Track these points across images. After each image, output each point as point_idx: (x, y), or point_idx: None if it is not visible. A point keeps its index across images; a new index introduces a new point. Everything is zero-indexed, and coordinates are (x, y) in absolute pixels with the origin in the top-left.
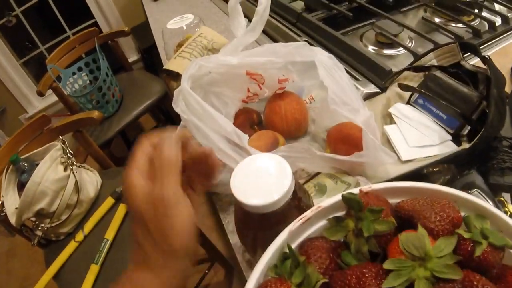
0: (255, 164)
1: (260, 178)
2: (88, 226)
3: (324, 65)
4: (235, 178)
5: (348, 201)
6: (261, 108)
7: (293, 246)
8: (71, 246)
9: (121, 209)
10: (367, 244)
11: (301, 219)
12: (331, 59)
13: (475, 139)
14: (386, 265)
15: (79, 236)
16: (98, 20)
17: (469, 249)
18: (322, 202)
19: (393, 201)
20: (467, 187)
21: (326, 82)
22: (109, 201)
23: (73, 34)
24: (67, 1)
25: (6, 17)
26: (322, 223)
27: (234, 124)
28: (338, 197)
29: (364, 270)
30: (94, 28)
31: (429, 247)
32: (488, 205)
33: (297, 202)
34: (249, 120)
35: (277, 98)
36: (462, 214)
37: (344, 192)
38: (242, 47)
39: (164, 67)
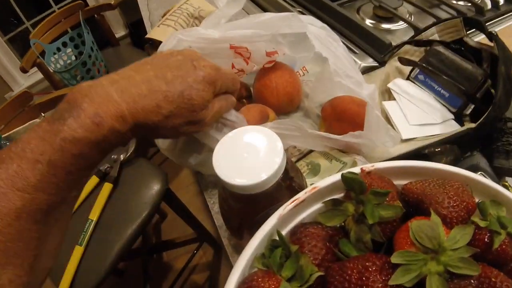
0: (241, 139)
1: (246, 154)
2: None
3: (317, 37)
4: (218, 154)
5: (349, 182)
6: (251, 81)
7: (284, 232)
8: None
9: (106, 188)
10: (369, 232)
11: (293, 201)
12: (324, 30)
13: (482, 118)
14: (395, 259)
15: None
16: None
17: (486, 240)
18: (318, 183)
19: (398, 182)
20: (471, 170)
21: (324, 54)
22: (94, 180)
23: (59, 9)
24: None
25: None
26: (317, 206)
27: None
28: (336, 177)
29: (367, 264)
30: (80, 1)
31: (444, 238)
32: (504, 189)
33: (288, 182)
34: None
35: (267, 70)
36: (476, 199)
37: (344, 171)
38: (225, 19)
39: (146, 36)
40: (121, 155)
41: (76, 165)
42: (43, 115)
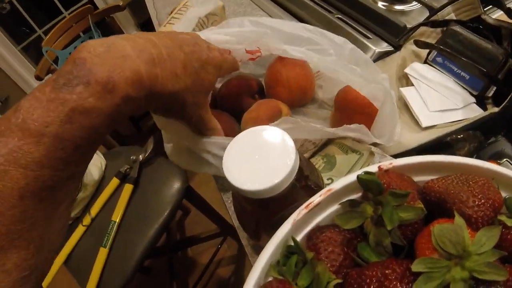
0: (251, 140)
1: (257, 156)
2: (95, 209)
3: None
4: (228, 158)
5: (365, 183)
6: (262, 71)
7: (300, 237)
8: (79, 231)
9: (127, 190)
10: (389, 236)
11: (307, 206)
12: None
13: (506, 101)
14: (415, 267)
15: (87, 220)
16: None
17: None
18: (333, 184)
19: (419, 179)
20: (496, 157)
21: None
22: (114, 182)
23: (70, 14)
24: None
25: None
26: (334, 208)
27: (223, 92)
28: (352, 177)
29: (386, 271)
30: (89, 5)
31: (469, 242)
32: None
33: (304, 181)
34: (247, 89)
35: (278, 64)
36: (503, 194)
37: (360, 172)
38: (196, 19)
39: None
40: (140, 156)
41: (85, 137)
42: None
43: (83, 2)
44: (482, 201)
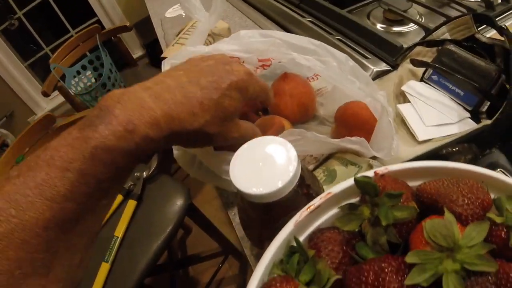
0: (256, 149)
1: (262, 164)
2: None
3: (308, 59)
4: (235, 165)
5: (362, 186)
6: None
7: (302, 238)
8: None
9: (130, 206)
10: (385, 234)
11: (308, 207)
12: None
13: (497, 114)
14: (409, 259)
15: None
16: (100, 17)
17: (503, 236)
18: (332, 188)
19: (413, 183)
20: (490, 167)
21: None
22: (118, 198)
23: (77, 33)
24: (68, 0)
25: (8, 21)
26: (334, 211)
27: None
28: (350, 182)
29: (383, 265)
30: (96, 25)
31: (458, 236)
32: None
33: (305, 190)
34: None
35: (281, 82)
36: (492, 196)
37: (358, 175)
38: (206, 33)
39: (162, 55)
40: (144, 172)
41: (107, 173)
42: None
43: (90, 22)
44: (472, 200)
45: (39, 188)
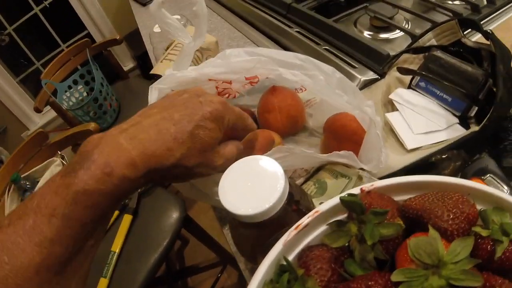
0: (244, 169)
1: (250, 184)
2: None
3: (295, 74)
4: (223, 186)
5: (348, 204)
6: (255, 102)
7: (291, 257)
8: None
9: (126, 220)
10: (372, 251)
11: (296, 227)
12: (307, 62)
13: (485, 120)
14: (394, 277)
15: None
16: (91, 31)
17: (489, 249)
18: (320, 206)
19: (400, 198)
20: (479, 173)
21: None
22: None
23: (67, 47)
24: (58, 14)
25: None
26: (323, 228)
27: None
28: (336, 200)
29: (370, 283)
30: (86, 39)
31: (443, 253)
32: (506, 195)
33: (295, 206)
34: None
35: (269, 96)
36: (478, 208)
37: (343, 194)
38: (191, 56)
39: (151, 72)
40: None
41: (90, 216)
42: (59, 153)
43: (80, 36)
44: (457, 214)
45: (28, 235)
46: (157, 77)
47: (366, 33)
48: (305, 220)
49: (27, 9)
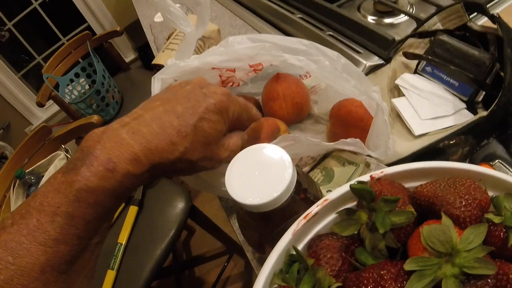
0: (251, 158)
1: (257, 173)
2: None
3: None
4: (230, 176)
5: (358, 192)
6: (259, 90)
7: (301, 246)
8: None
9: (132, 212)
10: (383, 240)
11: (306, 216)
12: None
13: (493, 105)
14: (408, 266)
15: None
16: (91, 23)
17: (502, 236)
18: (329, 195)
19: (410, 185)
20: (488, 159)
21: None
22: None
23: (68, 40)
24: (58, 8)
25: None
26: (332, 217)
27: None
28: (346, 187)
29: (382, 272)
30: (87, 31)
31: (456, 240)
32: None
33: (303, 194)
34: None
35: (273, 83)
36: (490, 194)
37: (352, 182)
38: (193, 45)
39: (152, 63)
40: None
41: (94, 214)
42: (63, 147)
43: (80, 29)
44: (469, 201)
45: (32, 234)
46: (159, 67)
47: (370, 18)
48: (314, 208)
49: (26, 4)
